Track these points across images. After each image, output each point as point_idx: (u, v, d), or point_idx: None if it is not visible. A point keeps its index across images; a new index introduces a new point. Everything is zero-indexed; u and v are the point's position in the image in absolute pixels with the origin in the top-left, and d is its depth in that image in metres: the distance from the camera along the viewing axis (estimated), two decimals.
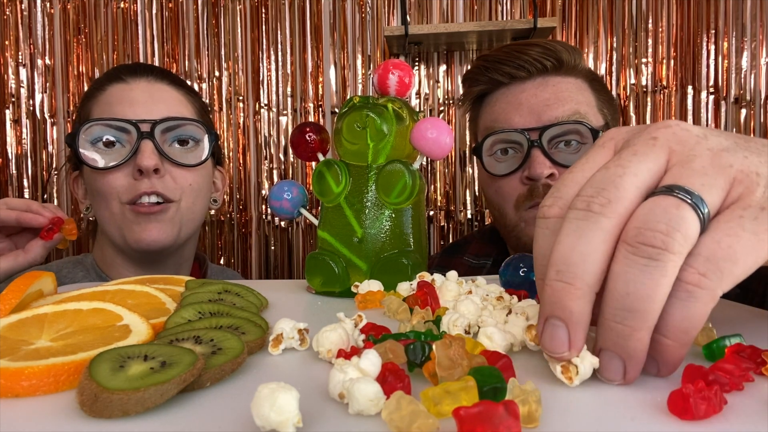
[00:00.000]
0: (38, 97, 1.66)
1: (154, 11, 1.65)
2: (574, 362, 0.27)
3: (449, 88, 1.64)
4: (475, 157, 0.93)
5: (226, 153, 1.65)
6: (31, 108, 1.66)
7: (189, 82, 1.63)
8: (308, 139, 0.57)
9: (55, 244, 0.77)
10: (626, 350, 0.26)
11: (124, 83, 0.85)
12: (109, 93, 0.85)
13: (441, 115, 1.64)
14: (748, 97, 1.54)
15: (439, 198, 1.65)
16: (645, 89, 1.57)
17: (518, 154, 0.85)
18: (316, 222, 0.57)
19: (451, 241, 1.65)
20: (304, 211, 0.59)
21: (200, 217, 0.90)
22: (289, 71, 1.64)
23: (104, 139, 0.81)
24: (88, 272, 0.90)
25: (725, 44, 1.54)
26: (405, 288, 0.49)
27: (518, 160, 0.84)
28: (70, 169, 0.92)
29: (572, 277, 0.26)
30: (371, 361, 0.26)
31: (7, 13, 1.65)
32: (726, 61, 1.55)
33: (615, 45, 1.58)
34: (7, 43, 1.65)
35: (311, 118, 1.65)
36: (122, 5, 1.65)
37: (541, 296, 0.28)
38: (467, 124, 1.04)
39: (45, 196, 1.66)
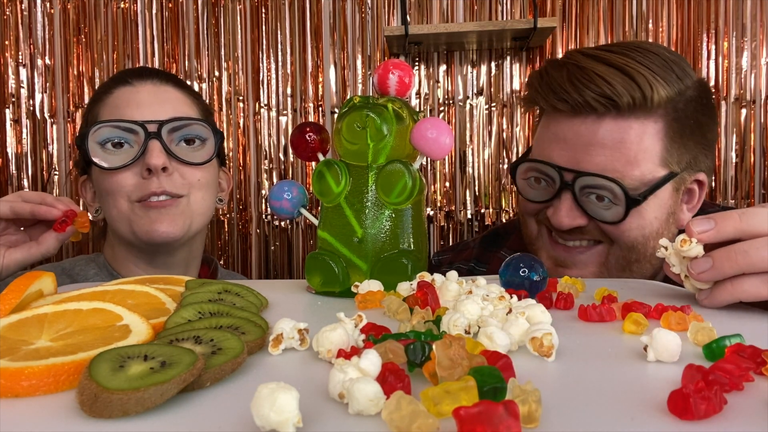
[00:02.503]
0: (38, 97, 1.66)
1: (154, 11, 1.65)
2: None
3: (449, 88, 1.64)
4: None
5: (226, 153, 1.65)
6: (31, 108, 1.66)
7: (189, 82, 1.64)
8: (308, 139, 0.57)
9: (68, 236, 0.78)
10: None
11: (130, 86, 0.87)
12: (116, 96, 0.87)
13: (441, 115, 1.64)
14: (748, 97, 1.54)
15: (439, 198, 1.65)
16: None
17: (549, 188, 0.78)
18: (316, 222, 0.57)
19: (451, 241, 1.65)
20: (304, 211, 0.59)
21: (209, 212, 0.92)
22: (289, 71, 1.64)
23: (113, 141, 0.83)
24: (100, 270, 0.92)
25: (725, 44, 1.54)
26: (405, 288, 0.49)
27: (548, 194, 0.77)
28: (78, 173, 0.94)
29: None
30: (371, 361, 0.26)
31: (7, 13, 1.65)
32: (726, 61, 1.54)
33: None
34: (7, 43, 1.65)
35: (311, 118, 1.65)
36: (122, 5, 1.65)
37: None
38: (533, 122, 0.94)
39: None
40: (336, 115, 0.73)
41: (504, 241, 0.97)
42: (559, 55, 1.58)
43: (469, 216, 1.64)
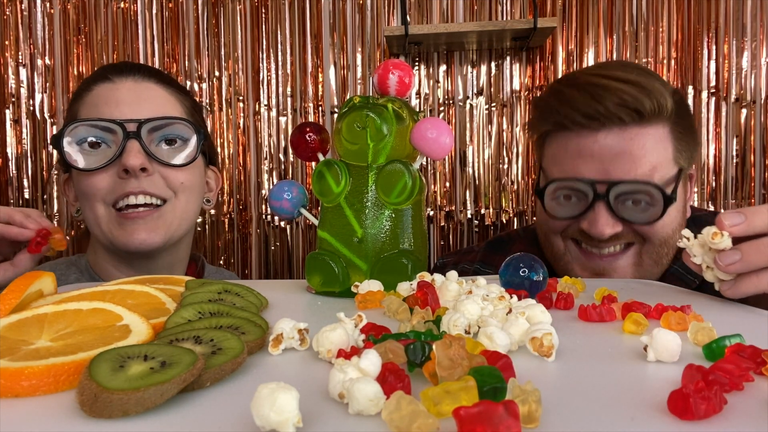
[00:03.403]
0: (38, 97, 1.66)
1: (154, 11, 1.65)
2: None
3: (449, 88, 1.64)
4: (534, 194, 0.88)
5: (226, 153, 1.65)
6: (31, 108, 1.66)
7: (189, 83, 1.64)
8: (308, 139, 0.57)
9: (43, 255, 0.74)
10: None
11: (110, 83, 0.83)
12: (95, 94, 0.83)
13: (441, 115, 1.64)
14: (748, 98, 1.54)
15: (439, 198, 1.65)
16: None
17: (581, 202, 0.80)
18: (316, 222, 0.57)
19: (451, 241, 1.65)
20: (304, 211, 0.59)
21: (194, 216, 0.89)
22: (288, 71, 1.64)
23: (89, 140, 0.79)
24: (82, 274, 0.89)
25: (726, 44, 1.54)
26: (405, 288, 0.49)
27: (580, 208, 0.80)
28: (62, 171, 0.91)
29: None
30: (371, 361, 0.26)
31: (7, 13, 1.65)
32: (726, 62, 1.54)
33: (615, 45, 1.58)
34: (7, 43, 1.65)
35: (311, 118, 1.65)
36: (122, 5, 1.65)
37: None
38: (534, 147, 0.96)
39: (45, 197, 1.66)
40: (336, 115, 0.73)
41: (508, 246, 0.99)
42: (560, 55, 1.58)
43: (469, 216, 1.64)
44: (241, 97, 1.65)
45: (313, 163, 0.57)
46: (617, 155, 0.77)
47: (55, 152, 1.66)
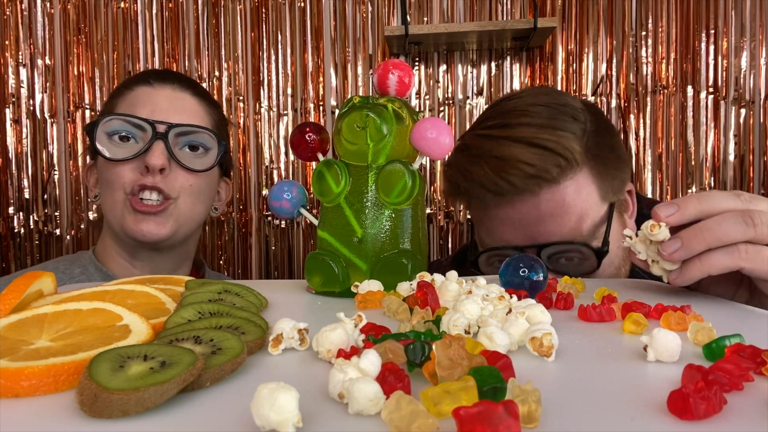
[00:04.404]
0: (38, 97, 1.66)
1: (154, 11, 1.65)
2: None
3: (449, 88, 1.64)
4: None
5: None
6: (31, 108, 1.66)
7: None
8: (308, 139, 0.57)
9: None
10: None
11: (150, 87, 0.90)
12: (135, 94, 0.90)
13: (441, 115, 1.64)
14: (747, 97, 1.54)
15: (439, 198, 1.65)
16: (645, 89, 1.57)
17: None
18: (316, 222, 0.57)
19: (450, 241, 1.65)
20: (304, 211, 0.59)
21: (200, 219, 0.94)
22: (289, 71, 1.64)
23: (121, 134, 0.86)
24: (85, 268, 0.92)
25: (725, 44, 1.54)
26: (405, 288, 0.49)
27: None
28: (88, 157, 0.97)
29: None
30: (371, 361, 0.26)
31: (7, 13, 1.64)
32: (725, 61, 1.54)
33: (615, 45, 1.58)
34: (7, 43, 1.65)
35: (311, 118, 1.65)
36: (122, 5, 1.65)
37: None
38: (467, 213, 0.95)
39: (45, 197, 1.66)
40: (336, 115, 0.73)
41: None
42: (559, 55, 1.58)
43: (468, 216, 1.64)
44: (241, 97, 1.65)
45: (313, 163, 0.57)
46: (538, 219, 0.75)
47: (55, 153, 1.66)
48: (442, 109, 1.64)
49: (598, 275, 0.79)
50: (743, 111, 1.54)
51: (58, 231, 1.66)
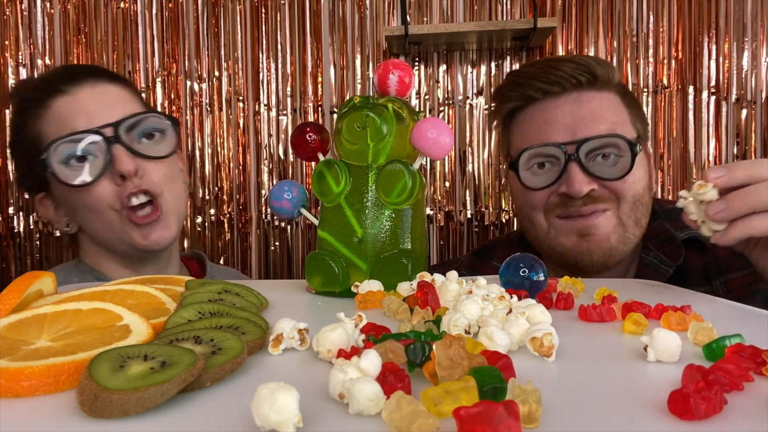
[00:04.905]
0: None
1: (154, 11, 1.65)
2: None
3: (449, 88, 1.64)
4: (509, 170, 0.93)
5: (225, 153, 1.65)
6: None
7: (189, 83, 1.64)
8: (308, 139, 0.57)
9: None
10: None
11: (66, 95, 0.82)
12: (55, 110, 0.82)
13: (441, 115, 1.63)
14: (749, 97, 1.54)
15: (439, 198, 1.65)
16: (646, 89, 1.57)
17: (555, 167, 0.85)
18: (316, 222, 0.57)
19: (450, 241, 1.65)
20: (304, 211, 0.59)
21: (186, 199, 0.92)
22: (288, 71, 1.64)
23: (75, 155, 0.79)
24: (83, 276, 0.89)
25: (726, 44, 1.54)
26: (405, 288, 0.49)
27: (555, 173, 0.84)
28: (29, 192, 0.90)
29: None
30: (371, 361, 0.26)
31: (7, 13, 1.65)
32: (727, 62, 1.54)
33: (615, 45, 1.58)
34: (7, 43, 1.65)
35: (311, 118, 1.65)
36: (122, 5, 1.65)
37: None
38: (499, 138, 1.05)
39: None
40: (336, 115, 0.73)
41: (493, 252, 1.04)
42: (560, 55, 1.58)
43: (469, 216, 1.64)
44: (241, 97, 1.65)
45: (313, 163, 0.57)
46: (580, 117, 0.84)
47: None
48: (442, 109, 1.64)
49: (624, 194, 0.83)
50: (744, 111, 1.54)
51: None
